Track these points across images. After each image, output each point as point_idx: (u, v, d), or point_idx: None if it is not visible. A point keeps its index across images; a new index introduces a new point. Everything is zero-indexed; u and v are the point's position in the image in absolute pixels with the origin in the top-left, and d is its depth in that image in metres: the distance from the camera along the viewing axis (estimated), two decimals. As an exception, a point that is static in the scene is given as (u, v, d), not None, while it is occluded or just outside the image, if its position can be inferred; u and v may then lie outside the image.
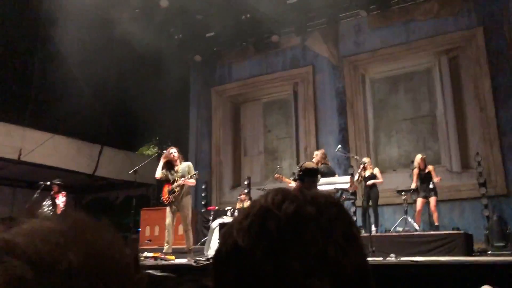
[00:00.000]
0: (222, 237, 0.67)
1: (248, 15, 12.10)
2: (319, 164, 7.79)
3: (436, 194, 8.84)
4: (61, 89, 12.19)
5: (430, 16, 11.21)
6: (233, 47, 13.61)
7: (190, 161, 13.27)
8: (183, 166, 7.43)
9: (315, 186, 4.23)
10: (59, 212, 9.12)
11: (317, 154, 8.05)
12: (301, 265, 0.58)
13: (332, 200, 0.67)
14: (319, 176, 4.21)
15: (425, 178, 9.02)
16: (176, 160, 7.43)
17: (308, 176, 4.16)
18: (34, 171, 11.45)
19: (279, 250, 0.59)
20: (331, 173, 7.75)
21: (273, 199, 0.65)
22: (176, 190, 7.21)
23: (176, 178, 7.28)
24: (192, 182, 7.41)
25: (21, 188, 13.11)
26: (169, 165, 7.42)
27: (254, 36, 12.97)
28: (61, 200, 9.15)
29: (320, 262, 0.59)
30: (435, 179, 8.81)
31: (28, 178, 12.43)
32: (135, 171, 7.46)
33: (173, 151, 7.47)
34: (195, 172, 7.41)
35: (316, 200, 0.65)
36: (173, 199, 7.25)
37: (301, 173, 4.21)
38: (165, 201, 7.34)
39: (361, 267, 0.63)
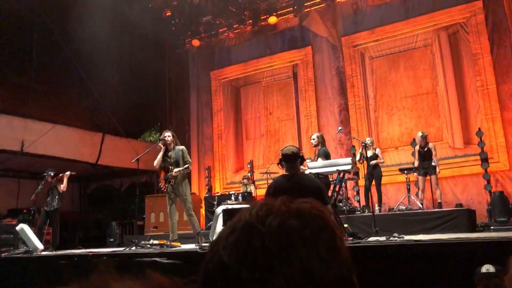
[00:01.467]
0: (209, 250, 0.68)
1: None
2: (319, 146, 7.71)
3: (435, 172, 8.85)
4: (61, 79, 12.18)
5: (428, -9, 11.08)
6: (230, 30, 13.49)
7: (193, 146, 13.46)
8: (176, 151, 7.33)
9: (297, 169, 4.31)
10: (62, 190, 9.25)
11: (318, 137, 7.87)
12: (287, 282, 0.59)
13: (316, 212, 0.67)
14: (299, 159, 4.28)
15: (425, 155, 9.04)
16: (170, 144, 7.32)
17: (285, 161, 4.29)
18: (38, 162, 11.49)
19: (265, 267, 0.60)
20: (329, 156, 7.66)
21: (257, 214, 0.66)
22: (172, 180, 7.20)
23: (171, 167, 7.22)
24: (187, 169, 7.37)
25: (26, 179, 13.21)
26: (164, 150, 7.35)
27: (252, 19, 12.85)
28: (64, 181, 9.25)
29: (305, 277, 0.60)
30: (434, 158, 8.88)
31: (33, 169, 12.52)
32: (138, 160, 7.43)
33: (167, 135, 7.35)
34: (188, 165, 7.31)
35: (300, 213, 0.65)
36: (170, 187, 7.26)
37: (280, 158, 4.34)
38: (163, 189, 7.36)
39: (345, 280, 0.63)
